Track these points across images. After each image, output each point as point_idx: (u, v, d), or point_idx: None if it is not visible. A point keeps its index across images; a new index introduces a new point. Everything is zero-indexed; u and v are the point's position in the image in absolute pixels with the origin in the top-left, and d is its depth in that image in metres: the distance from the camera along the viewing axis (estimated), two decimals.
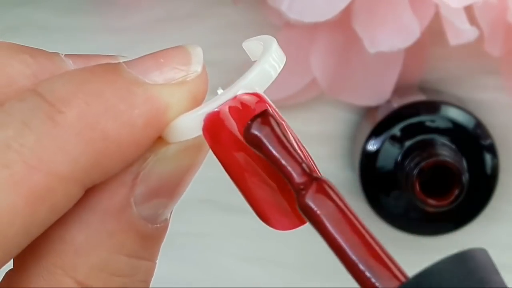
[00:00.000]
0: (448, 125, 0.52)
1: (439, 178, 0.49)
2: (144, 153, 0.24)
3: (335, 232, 0.21)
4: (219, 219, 0.55)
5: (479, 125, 0.52)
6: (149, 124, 0.23)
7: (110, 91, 0.23)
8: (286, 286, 0.56)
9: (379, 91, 0.53)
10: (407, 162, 0.50)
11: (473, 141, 0.52)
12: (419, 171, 0.48)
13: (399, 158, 0.51)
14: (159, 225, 0.25)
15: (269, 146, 0.23)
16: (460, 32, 0.48)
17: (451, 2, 0.47)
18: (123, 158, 0.23)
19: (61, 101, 0.22)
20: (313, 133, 0.55)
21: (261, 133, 0.23)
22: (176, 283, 0.57)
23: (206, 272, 0.57)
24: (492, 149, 0.52)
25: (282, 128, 0.24)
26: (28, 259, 0.23)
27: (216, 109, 0.23)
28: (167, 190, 0.24)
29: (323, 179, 0.23)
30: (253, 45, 0.27)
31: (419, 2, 0.48)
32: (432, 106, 0.52)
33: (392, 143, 0.52)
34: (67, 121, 0.22)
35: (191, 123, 0.24)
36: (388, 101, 0.53)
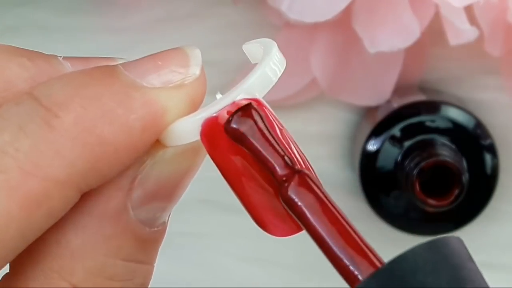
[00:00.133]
0: (448, 125, 0.51)
1: (439, 178, 0.49)
2: (142, 157, 0.23)
3: (315, 223, 0.22)
4: (218, 219, 0.55)
5: (479, 125, 0.52)
6: (146, 128, 0.23)
7: (107, 94, 0.23)
8: (285, 286, 0.56)
9: (379, 91, 0.53)
10: (407, 162, 0.50)
11: (473, 141, 0.52)
12: (419, 171, 0.48)
13: (399, 158, 0.51)
14: (156, 229, 0.24)
15: (251, 139, 0.23)
16: (460, 32, 0.48)
17: (452, 1, 0.47)
18: (120, 162, 0.23)
19: (57, 105, 0.22)
20: (313, 133, 0.55)
21: (242, 127, 0.23)
22: (175, 283, 0.57)
23: (205, 272, 0.57)
24: (492, 149, 0.52)
25: (265, 121, 0.23)
26: (24, 263, 0.23)
27: (215, 114, 0.23)
28: (164, 194, 0.24)
29: (304, 171, 0.23)
30: (253, 48, 0.26)
31: (419, 2, 0.48)
32: (432, 106, 0.52)
33: (392, 143, 0.52)
34: (63, 126, 0.22)
35: (189, 127, 0.23)
36: (388, 101, 0.53)
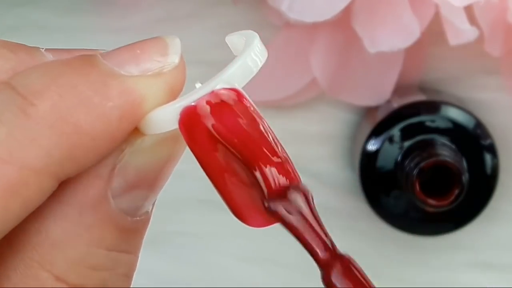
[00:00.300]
0: (448, 125, 0.51)
1: (439, 178, 0.49)
2: (121, 145, 0.23)
3: None
4: (218, 219, 0.55)
5: (479, 125, 0.52)
6: (124, 116, 0.23)
7: (84, 83, 0.23)
8: (285, 286, 0.56)
9: (379, 91, 0.53)
10: (407, 162, 0.50)
11: (473, 141, 0.52)
12: (419, 171, 0.48)
13: (399, 158, 0.51)
14: (139, 218, 0.24)
15: (292, 223, 0.23)
16: (460, 32, 0.48)
17: (452, 1, 0.47)
18: (98, 151, 0.23)
19: (33, 94, 0.22)
20: (313, 133, 0.55)
21: (283, 211, 0.23)
22: (175, 283, 0.57)
23: (205, 272, 0.57)
24: (492, 149, 0.52)
25: (308, 202, 0.24)
26: (4, 252, 0.23)
27: (193, 103, 0.23)
28: (146, 182, 0.24)
29: (346, 257, 0.23)
30: (235, 40, 0.26)
31: (419, 2, 0.48)
32: (432, 106, 0.52)
33: (392, 143, 0.52)
34: (39, 114, 0.22)
35: (167, 116, 0.23)
36: (388, 101, 0.53)
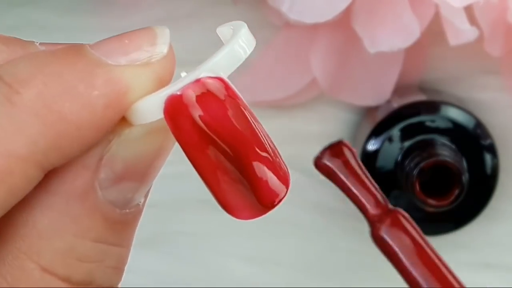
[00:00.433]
0: (448, 125, 0.51)
1: (439, 178, 0.49)
2: (108, 135, 0.23)
3: (410, 265, 0.21)
4: (218, 219, 0.55)
5: (479, 125, 0.52)
6: (109, 105, 0.23)
7: (70, 72, 0.22)
8: (286, 286, 0.56)
9: (379, 91, 0.53)
10: (407, 162, 0.50)
11: (473, 141, 0.52)
12: (419, 171, 0.48)
13: (399, 158, 0.51)
14: (129, 210, 0.24)
15: (342, 177, 0.22)
16: (460, 32, 0.48)
17: (452, 1, 0.47)
18: (83, 140, 0.23)
19: (19, 82, 0.22)
20: (313, 133, 0.55)
21: (333, 164, 0.22)
22: (176, 283, 0.57)
23: (205, 272, 0.57)
24: (492, 149, 0.52)
25: (356, 158, 0.23)
26: None
27: (178, 92, 0.23)
28: (135, 174, 0.24)
29: (398, 211, 0.22)
30: (225, 31, 0.26)
31: (419, 2, 0.48)
32: (432, 106, 0.52)
33: (392, 143, 0.52)
34: (23, 102, 0.22)
35: (152, 105, 0.23)
36: (388, 101, 0.53)
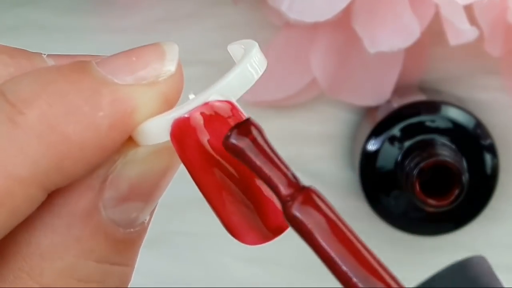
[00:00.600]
0: (448, 125, 0.51)
1: (439, 178, 0.49)
2: (113, 156, 0.23)
3: (324, 243, 0.20)
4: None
5: (479, 125, 0.52)
6: (114, 126, 0.22)
7: (75, 91, 0.22)
8: (286, 286, 0.56)
9: (379, 91, 0.53)
10: (407, 162, 0.50)
11: (473, 141, 0.51)
12: (419, 171, 0.48)
13: (399, 158, 0.51)
14: (133, 230, 0.24)
15: (251, 156, 0.22)
16: (460, 32, 0.48)
17: (452, 1, 0.47)
18: (88, 161, 0.22)
19: (22, 102, 0.22)
20: (313, 133, 0.55)
21: (242, 143, 0.21)
22: (176, 283, 0.57)
23: (205, 272, 0.57)
24: (492, 149, 0.52)
25: (264, 137, 0.22)
26: None
27: (186, 115, 0.22)
28: (140, 194, 0.23)
29: (311, 188, 0.22)
30: (236, 49, 0.25)
31: (419, 2, 0.48)
32: (432, 106, 0.52)
33: (392, 143, 0.52)
34: (27, 123, 0.21)
35: (159, 127, 0.22)
36: (388, 101, 0.53)
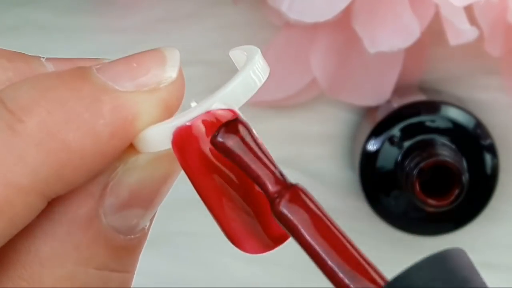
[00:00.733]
0: (448, 125, 0.51)
1: (439, 178, 0.49)
2: (114, 163, 0.23)
3: (311, 239, 0.21)
4: None
5: (479, 125, 0.52)
6: (115, 134, 0.22)
7: (75, 98, 0.22)
8: (285, 286, 0.56)
9: (379, 91, 0.53)
10: (407, 162, 0.50)
11: (473, 141, 0.51)
12: (419, 171, 0.48)
13: (399, 158, 0.51)
14: (133, 236, 0.24)
15: (239, 154, 0.22)
16: (460, 32, 0.48)
17: (452, 1, 0.47)
18: (88, 168, 0.22)
19: (22, 109, 0.21)
20: (313, 133, 0.55)
21: (229, 141, 0.22)
22: (176, 283, 0.57)
23: (206, 272, 0.57)
24: (492, 149, 0.52)
25: (252, 135, 0.22)
26: None
27: (188, 123, 0.22)
28: (140, 201, 0.23)
29: (298, 186, 0.21)
30: (238, 55, 0.25)
31: (419, 2, 0.48)
32: (432, 106, 0.52)
33: (392, 143, 0.52)
34: (26, 131, 0.21)
35: (160, 135, 0.22)
36: (388, 101, 0.53)
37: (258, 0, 0.52)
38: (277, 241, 0.23)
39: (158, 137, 0.22)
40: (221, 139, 0.22)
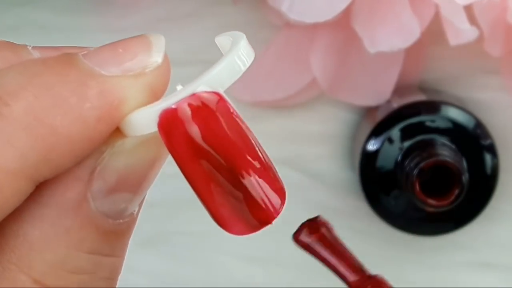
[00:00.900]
0: (448, 125, 0.51)
1: (439, 178, 0.49)
2: (101, 147, 0.23)
3: None
4: None
5: (479, 125, 0.52)
6: (102, 118, 0.22)
7: (61, 83, 0.22)
8: (285, 286, 0.56)
9: (379, 91, 0.53)
10: (407, 162, 0.50)
11: (473, 141, 0.52)
12: (419, 171, 0.48)
13: (399, 158, 0.51)
14: (122, 221, 0.24)
15: (319, 251, 0.23)
16: (460, 32, 0.48)
17: (452, 1, 0.47)
18: (75, 152, 0.22)
19: (8, 94, 0.22)
20: (313, 133, 0.55)
21: (310, 240, 0.23)
22: (175, 283, 0.57)
23: (205, 272, 0.57)
24: (492, 149, 0.52)
25: (331, 232, 0.24)
26: None
27: (173, 106, 0.22)
28: (128, 185, 0.24)
29: (378, 278, 0.23)
30: (223, 41, 0.25)
31: (419, 2, 0.48)
32: (432, 106, 0.52)
33: (392, 143, 0.52)
34: (13, 115, 0.21)
35: (146, 118, 0.22)
36: (388, 101, 0.53)
37: (258, 0, 0.52)
38: (263, 222, 0.23)
39: (144, 121, 0.23)
40: (304, 239, 0.24)
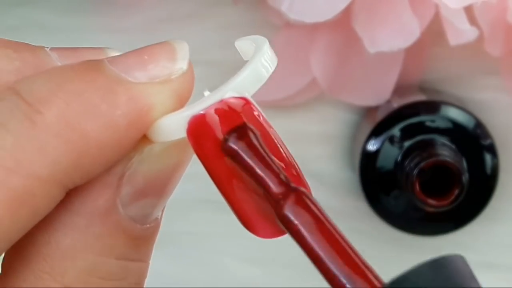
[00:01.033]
0: (448, 125, 0.51)
1: (439, 178, 0.49)
2: (129, 153, 0.23)
3: (312, 242, 0.22)
4: (220, 219, 0.55)
5: (479, 125, 0.52)
6: (131, 124, 0.22)
7: (91, 90, 0.22)
8: (285, 286, 0.56)
9: (379, 91, 0.53)
10: (407, 162, 0.50)
11: (473, 141, 0.52)
12: (419, 171, 0.48)
13: (399, 158, 0.51)
14: (148, 225, 0.24)
15: (245, 158, 0.22)
16: (460, 32, 0.48)
17: (452, 1, 0.47)
18: (106, 159, 0.22)
19: (40, 101, 0.22)
20: (313, 133, 0.55)
21: (237, 146, 0.23)
22: (176, 283, 0.57)
23: (206, 272, 0.57)
24: (492, 149, 0.52)
25: (259, 140, 0.23)
26: (16, 264, 0.23)
27: (202, 112, 0.23)
28: (155, 190, 0.24)
29: (301, 189, 0.22)
30: (245, 45, 0.26)
31: (419, 2, 0.48)
32: (432, 106, 0.52)
33: (392, 143, 0.52)
34: (45, 122, 0.22)
35: (175, 124, 0.23)
36: (388, 101, 0.53)
37: (258, 0, 0.52)
38: None
39: (173, 126, 0.23)
40: (231, 144, 0.23)
